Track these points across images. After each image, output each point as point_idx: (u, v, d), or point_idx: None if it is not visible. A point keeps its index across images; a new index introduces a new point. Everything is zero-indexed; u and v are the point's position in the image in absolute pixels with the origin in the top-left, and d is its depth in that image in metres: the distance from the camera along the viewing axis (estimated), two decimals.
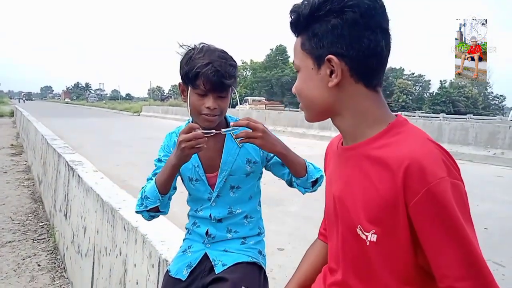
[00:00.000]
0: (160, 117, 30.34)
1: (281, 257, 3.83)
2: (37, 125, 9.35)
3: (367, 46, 0.85)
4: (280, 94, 63.47)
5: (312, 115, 0.98)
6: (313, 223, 1.60)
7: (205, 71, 1.32)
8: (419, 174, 0.78)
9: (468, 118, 23.96)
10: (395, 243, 0.84)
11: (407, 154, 0.80)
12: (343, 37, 0.85)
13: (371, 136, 0.89)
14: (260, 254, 1.54)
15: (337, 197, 0.96)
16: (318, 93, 0.91)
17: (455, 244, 0.77)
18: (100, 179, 3.45)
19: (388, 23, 0.88)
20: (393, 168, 0.81)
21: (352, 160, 0.93)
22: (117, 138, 14.34)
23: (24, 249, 4.44)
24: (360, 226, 0.88)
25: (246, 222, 1.54)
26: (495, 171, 9.07)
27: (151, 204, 1.41)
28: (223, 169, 1.47)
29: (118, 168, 8.00)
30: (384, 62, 0.89)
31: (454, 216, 0.77)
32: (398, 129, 0.88)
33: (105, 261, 2.62)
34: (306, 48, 0.91)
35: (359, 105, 0.90)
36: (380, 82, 0.91)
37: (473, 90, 58.73)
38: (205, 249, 1.51)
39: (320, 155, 1.17)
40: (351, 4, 0.84)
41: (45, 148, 6.29)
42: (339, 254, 0.97)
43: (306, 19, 0.89)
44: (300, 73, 0.95)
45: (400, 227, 0.82)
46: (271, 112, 21.35)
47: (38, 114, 20.59)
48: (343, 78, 0.87)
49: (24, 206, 6.06)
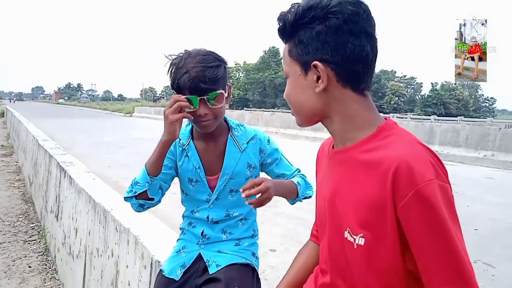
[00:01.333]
0: (153, 118, 30.21)
1: (273, 258, 3.84)
2: (28, 126, 9.27)
3: (352, 51, 0.86)
4: (273, 96, 63.58)
5: (303, 120, 0.99)
6: (305, 225, 1.61)
7: (183, 80, 1.33)
8: (407, 176, 0.78)
9: (459, 120, 24.12)
10: (383, 247, 0.84)
11: (395, 156, 0.81)
12: (327, 43, 0.86)
13: (360, 140, 0.90)
14: (254, 256, 1.55)
15: (327, 200, 0.97)
16: (306, 98, 0.93)
17: (441, 248, 0.78)
18: (92, 180, 3.43)
19: (374, 28, 0.89)
20: (382, 171, 0.82)
21: (342, 163, 0.94)
22: (109, 139, 14.25)
23: (15, 250, 4.41)
24: (349, 229, 0.89)
25: (240, 224, 1.55)
26: (486, 172, 9.16)
27: (140, 189, 1.37)
28: (224, 172, 1.49)
29: (110, 169, 7.96)
30: (371, 66, 0.90)
31: (442, 219, 0.78)
32: (387, 132, 0.89)
33: (97, 262, 2.61)
34: (293, 54, 0.93)
35: (347, 109, 0.91)
36: (368, 86, 0.92)
37: (464, 93, 59.33)
38: (199, 249, 1.51)
39: (312, 157, 1.19)
40: (334, 10, 0.85)
41: (36, 149, 6.24)
42: (328, 256, 0.98)
43: (292, 26, 0.91)
44: (289, 79, 0.96)
45: (389, 230, 0.83)
46: (263, 114, 21.36)
47: (29, 114, 20.42)
48: (330, 83, 0.89)
49: (15, 207, 6.00)
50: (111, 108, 49.13)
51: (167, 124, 1.31)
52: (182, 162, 1.51)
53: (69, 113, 39.40)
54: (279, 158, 1.58)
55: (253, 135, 1.54)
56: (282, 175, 1.57)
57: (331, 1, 0.86)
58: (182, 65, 1.36)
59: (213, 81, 1.35)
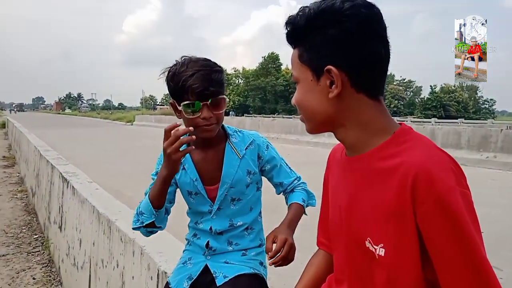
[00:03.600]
0: (153, 126, 30.23)
1: None
2: (29, 137, 9.27)
3: (367, 55, 0.84)
4: (273, 101, 63.61)
5: (314, 127, 0.96)
6: (308, 230, 1.60)
7: (191, 82, 1.30)
8: (427, 183, 0.76)
9: (459, 122, 24.11)
10: (403, 256, 0.82)
11: (414, 162, 0.78)
12: (341, 47, 0.84)
13: (376, 146, 0.88)
14: (262, 265, 1.52)
15: (344, 208, 0.94)
16: (318, 104, 0.90)
17: (465, 258, 0.76)
18: (95, 190, 3.42)
19: (386, 31, 0.87)
20: (400, 178, 0.79)
21: (357, 171, 0.91)
22: (110, 148, 14.26)
23: (19, 262, 4.38)
24: (369, 239, 0.86)
25: (246, 234, 1.52)
26: (489, 174, 9.12)
27: (147, 220, 1.35)
28: (224, 181, 1.45)
29: (112, 179, 7.94)
30: (385, 70, 0.88)
31: (465, 227, 0.75)
32: (404, 138, 0.86)
33: (102, 273, 2.59)
34: (304, 59, 0.90)
35: (361, 115, 0.88)
36: (382, 91, 0.90)
37: (463, 95, 59.34)
38: (206, 261, 1.49)
39: (314, 162, 1.18)
40: (347, 13, 0.83)
41: (38, 159, 6.24)
42: (346, 266, 0.96)
43: (303, 30, 0.88)
44: (299, 85, 0.93)
45: (409, 239, 0.80)
46: (264, 120, 21.37)
47: (30, 125, 20.44)
48: (344, 89, 0.86)
49: (18, 218, 5.99)
50: (112, 117, 49.24)
51: (168, 160, 1.23)
52: (180, 176, 1.48)
53: (70, 123, 39.43)
54: (278, 165, 1.54)
55: (251, 140, 1.50)
56: (280, 184, 1.55)
57: (344, 4, 0.83)
58: (185, 69, 1.34)
59: (219, 84, 1.35)
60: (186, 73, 1.32)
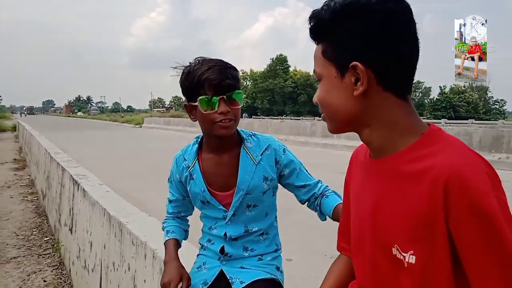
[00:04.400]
0: (162, 128, 30.37)
1: (289, 268, 3.76)
2: (39, 139, 9.33)
3: (395, 52, 0.80)
4: (281, 103, 63.60)
5: (336, 126, 0.91)
6: (319, 233, 1.57)
7: (207, 75, 1.29)
8: (460, 188, 0.71)
9: (470, 123, 23.89)
10: (434, 264, 0.77)
11: (446, 165, 0.74)
12: (368, 42, 0.80)
13: (404, 148, 0.83)
14: (278, 270, 1.48)
15: (369, 213, 0.90)
16: (342, 102, 0.85)
17: (502, 265, 0.71)
18: (105, 193, 3.41)
19: (415, 27, 0.83)
20: (431, 182, 0.75)
21: (384, 174, 0.86)
22: (119, 150, 14.32)
23: (29, 264, 4.39)
24: (396, 246, 0.82)
25: (262, 239, 1.48)
26: (501, 175, 8.84)
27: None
28: (240, 188, 1.40)
29: (121, 181, 7.95)
30: (414, 68, 0.84)
31: (503, 234, 0.71)
32: (433, 139, 0.81)
33: (113, 276, 2.57)
34: (328, 55, 0.85)
35: (388, 114, 0.83)
36: (410, 90, 0.85)
37: (473, 95, 58.77)
38: (221, 266, 1.45)
39: (323, 164, 1.13)
40: (376, 8, 0.79)
41: (49, 162, 6.26)
42: (369, 273, 0.91)
43: (328, 25, 0.84)
44: (322, 81, 0.89)
45: (440, 246, 0.76)
46: (272, 121, 21.35)
47: (40, 127, 20.62)
48: (370, 86, 0.81)
49: (28, 220, 6.01)
50: (121, 119, 49.60)
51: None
52: (190, 186, 1.45)
53: (79, 125, 39.76)
54: (297, 168, 1.47)
55: (267, 145, 1.44)
56: (303, 186, 1.47)
57: None
58: (200, 66, 1.32)
59: (235, 79, 1.33)
60: (201, 68, 1.31)
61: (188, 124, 25.26)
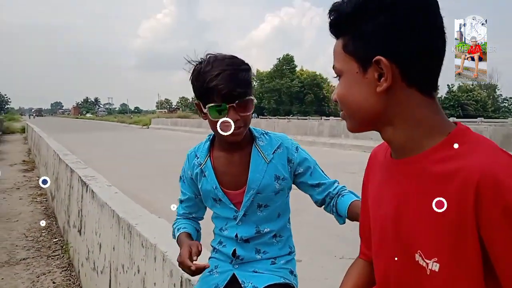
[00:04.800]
0: (169, 129, 30.45)
1: (299, 270, 3.72)
2: (48, 141, 9.38)
3: (420, 46, 0.76)
4: (288, 103, 63.54)
5: (357, 125, 0.87)
6: (328, 233, 1.53)
7: (216, 83, 1.22)
8: (493, 190, 0.67)
9: (479, 121, 23.67)
10: (462, 272, 0.73)
11: (476, 167, 0.69)
12: (392, 36, 0.76)
13: (429, 148, 0.78)
14: (292, 274, 1.44)
15: (390, 217, 0.85)
16: (364, 99, 0.81)
17: None
18: (114, 194, 3.40)
19: (442, 21, 0.79)
20: (460, 184, 0.70)
21: (407, 175, 0.82)
22: (127, 152, 14.36)
23: (39, 266, 4.40)
24: (420, 251, 0.78)
25: (275, 242, 1.44)
26: None
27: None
28: (250, 187, 1.36)
29: (129, 182, 7.96)
30: (440, 63, 0.79)
31: None
32: (461, 139, 0.77)
33: (123, 278, 2.55)
34: (349, 50, 0.81)
35: (413, 112, 0.79)
36: (436, 86, 0.81)
37: (482, 93, 58.30)
38: (233, 269, 1.42)
39: (331, 164, 1.09)
40: (401, 0, 0.75)
41: (57, 163, 6.28)
42: (391, 279, 0.87)
43: (349, 18, 0.80)
44: (342, 77, 0.85)
45: (470, 253, 0.71)
46: (279, 121, 21.32)
47: (49, 129, 20.76)
48: (394, 82, 0.77)
49: (37, 222, 6.03)
50: (128, 120, 49.86)
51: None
52: (202, 184, 1.42)
53: (87, 127, 40.01)
54: (311, 167, 1.42)
55: (279, 144, 1.40)
56: (318, 184, 1.42)
57: None
58: (210, 68, 1.26)
59: (246, 85, 1.28)
60: (211, 73, 1.24)
61: (195, 125, 25.32)
